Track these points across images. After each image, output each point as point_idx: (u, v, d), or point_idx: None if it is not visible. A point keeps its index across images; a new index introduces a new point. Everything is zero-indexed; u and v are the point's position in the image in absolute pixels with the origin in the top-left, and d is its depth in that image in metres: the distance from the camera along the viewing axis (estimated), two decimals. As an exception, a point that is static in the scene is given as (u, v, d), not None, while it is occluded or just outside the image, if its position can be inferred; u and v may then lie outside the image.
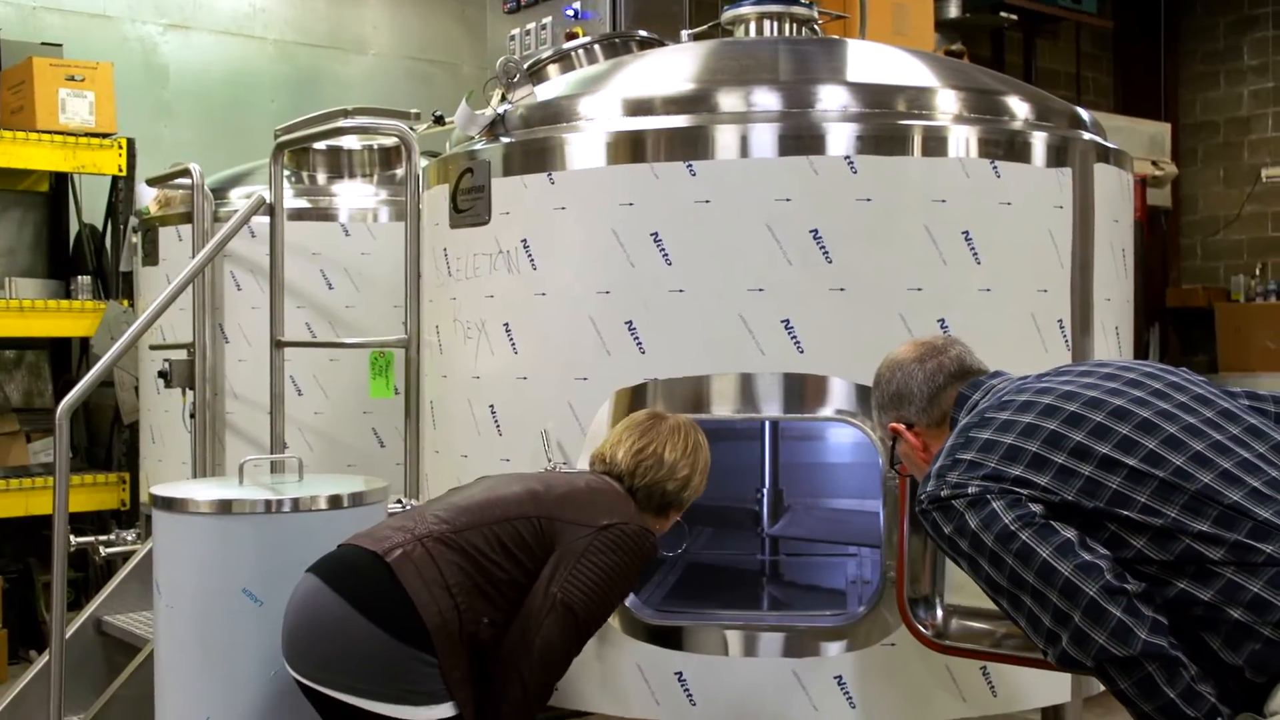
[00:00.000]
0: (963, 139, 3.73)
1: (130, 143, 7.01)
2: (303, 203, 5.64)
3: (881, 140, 3.67)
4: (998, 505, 2.49)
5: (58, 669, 4.38)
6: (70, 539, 5.14)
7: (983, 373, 2.96)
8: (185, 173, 5.66)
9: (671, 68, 4.12)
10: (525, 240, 3.87)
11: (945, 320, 3.64)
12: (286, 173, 5.44)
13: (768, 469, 5.08)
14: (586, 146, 3.81)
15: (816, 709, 3.65)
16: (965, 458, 2.58)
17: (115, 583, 5.49)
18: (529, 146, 3.91)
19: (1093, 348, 3.90)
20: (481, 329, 3.99)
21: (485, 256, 3.98)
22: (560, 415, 3.80)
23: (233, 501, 3.70)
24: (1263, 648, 2.30)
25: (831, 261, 3.63)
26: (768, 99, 3.75)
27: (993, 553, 2.47)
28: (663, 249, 3.68)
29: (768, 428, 5.02)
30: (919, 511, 2.65)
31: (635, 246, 3.70)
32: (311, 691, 3.19)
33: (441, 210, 4.18)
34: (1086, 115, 4.18)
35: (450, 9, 9.17)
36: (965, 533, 2.52)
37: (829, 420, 3.78)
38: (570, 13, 5.44)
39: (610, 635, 3.63)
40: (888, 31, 6.59)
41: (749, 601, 4.34)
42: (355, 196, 5.74)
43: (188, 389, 5.58)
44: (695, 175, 3.67)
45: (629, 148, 3.76)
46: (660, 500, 3.48)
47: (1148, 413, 2.54)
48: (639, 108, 3.83)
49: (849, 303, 3.64)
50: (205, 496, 3.74)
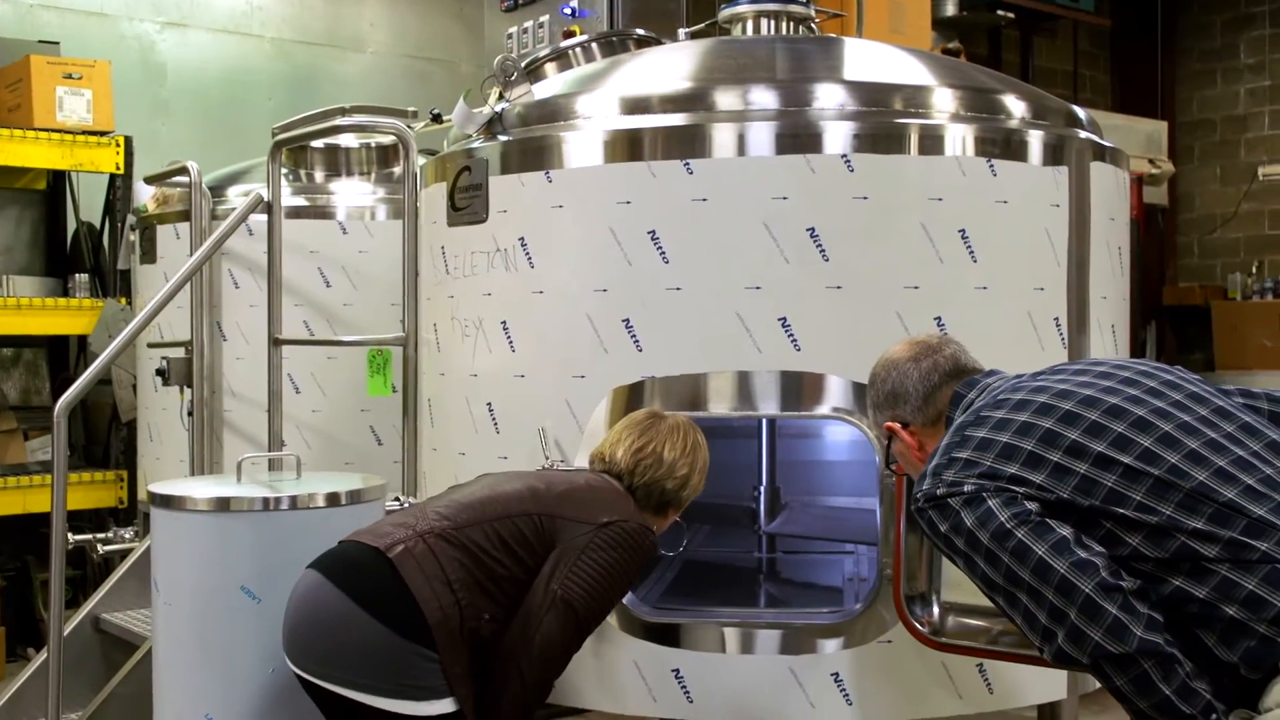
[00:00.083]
0: (959, 137, 3.73)
1: (128, 141, 7.01)
2: (300, 201, 5.64)
3: (878, 139, 3.67)
4: (993, 503, 2.49)
5: (56, 666, 4.38)
6: (68, 537, 5.16)
7: (978, 371, 2.97)
8: (183, 171, 5.66)
9: (669, 66, 4.12)
10: (523, 238, 3.87)
11: (942, 318, 3.65)
12: (284, 171, 5.44)
13: (765, 467, 5.08)
14: (584, 145, 3.82)
15: (813, 706, 3.65)
16: (961, 456, 2.58)
17: (113, 580, 5.49)
18: (526, 145, 3.92)
19: (1089, 346, 3.90)
20: (479, 327, 3.99)
21: (483, 254, 3.98)
22: (558, 413, 3.80)
23: (231, 499, 3.70)
24: (1257, 644, 2.31)
25: (828, 260, 3.63)
26: (765, 97, 3.75)
27: (989, 550, 2.48)
28: (660, 247, 3.69)
29: (765, 425, 5.02)
30: (915, 510, 2.66)
31: (632, 245, 3.71)
32: (312, 687, 3.19)
33: (439, 208, 4.18)
34: (1083, 114, 4.18)
35: (448, 7, 9.17)
36: (961, 531, 2.52)
37: (826, 418, 3.79)
38: (568, 11, 5.44)
39: (608, 633, 3.64)
40: (885, 30, 6.60)
41: (746, 599, 4.34)
42: (353, 195, 5.74)
43: (186, 387, 5.59)
44: (692, 174, 3.67)
45: (626, 146, 3.76)
46: (659, 499, 3.49)
47: (1142, 411, 2.55)
48: (636, 106, 3.84)
49: (846, 301, 3.64)
50: (203, 494, 3.74)
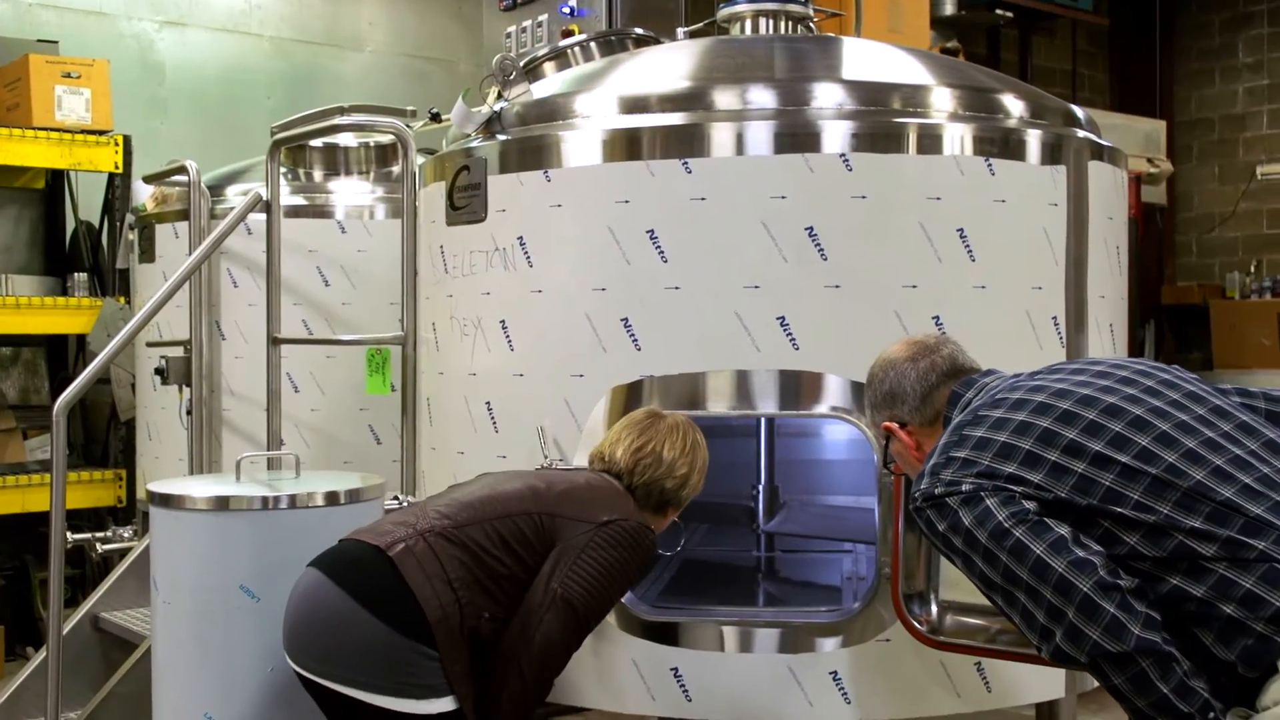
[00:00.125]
0: (958, 137, 3.73)
1: (126, 140, 7.01)
2: (299, 200, 5.64)
3: (877, 138, 3.67)
4: (991, 502, 2.49)
5: (55, 665, 4.39)
6: (67, 536, 5.16)
7: (975, 371, 2.97)
8: (182, 170, 5.66)
9: (667, 65, 4.12)
10: (521, 237, 3.87)
11: (940, 317, 3.65)
12: (283, 170, 5.44)
13: (763, 465, 5.08)
14: (582, 144, 3.82)
15: (812, 704, 3.65)
16: (959, 455, 2.59)
17: (112, 579, 5.49)
18: (525, 144, 3.92)
19: (1087, 345, 3.91)
20: (478, 326, 4.00)
21: (482, 254, 3.98)
22: (556, 412, 3.80)
23: (230, 498, 3.70)
24: (1255, 643, 2.31)
25: (827, 259, 3.63)
26: (763, 97, 3.75)
27: (986, 550, 2.48)
28: (658, 246, 3.69)
29: (763, 424, 5.02)
30: (913, 509, 2.66)
31: (631, 244, 3.71)
32: (313, 685, 3.19)
33: (438, 207, 4.19)
34: (1081, 113, 4.19)
35: (446, 6, 9.17)
36: (959, 530, 2.53)
37: (824, 417, 3.79)
38: (566, 10, 5.44)
39: (607, 631, 3.64)
40: (883, 29, 6.60)
41: (745, 597, 4.34)
42: (352, 194, 5.74)
43: (184, 386, 5.59)
44: (691, 173, 3.67)
45: (625, 145, 3.76)
46: (659, 498, 3.49)
47: (1140, 410, 2.55)
48: (635, 105, 3.84)
49: (844, 300, 3.64)
50: (202, 493, 3.75)
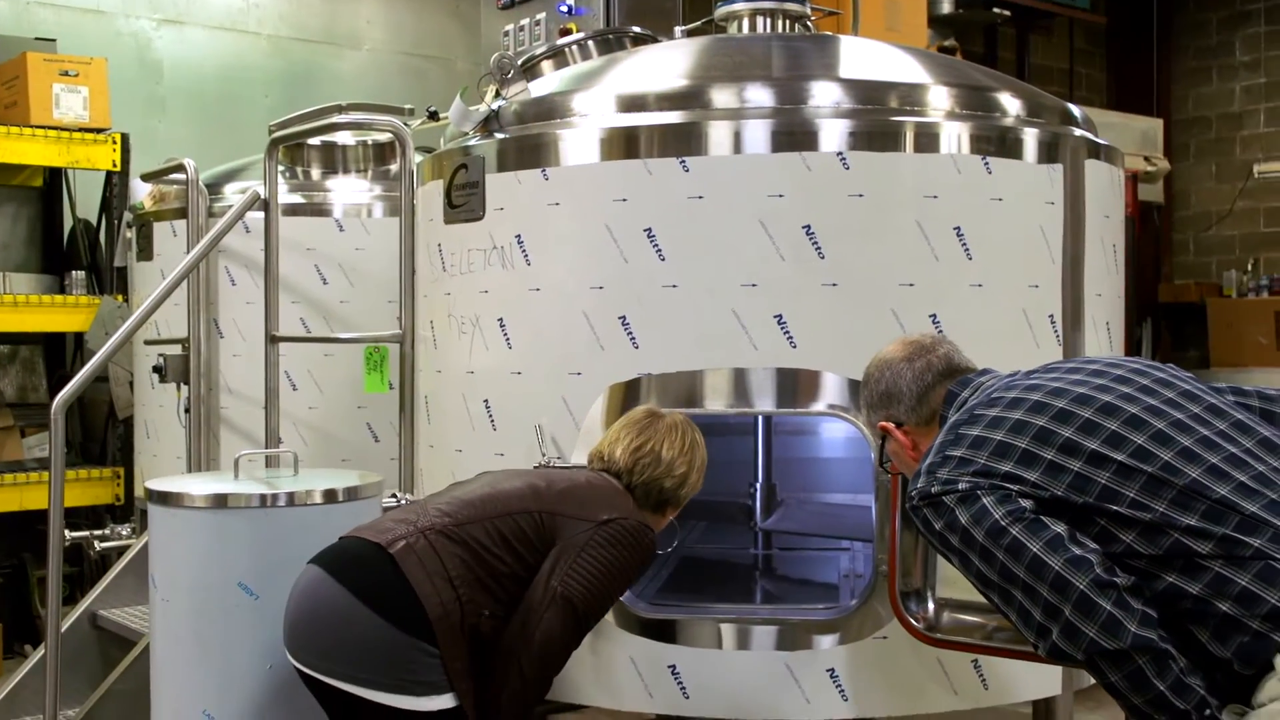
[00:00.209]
0: (954, 135, 3.74)
1: (124, 138, 7.01)
2: (297, 198, 5.65)
3: (874, 136, 3.68)
4: (988, 501, 2.50)
5: (53, 663, 4.39)
6: (65, 534, 5.16)
7: (971, 371, 2.97)
8: (180, 168, 5.65)
9: (665, 64, 4.13)
10: (519, 236, 3.88)
11: (937, 315, 3.65)
12: (281, 168, 5.45)
13: (760, 464, 5.08)
14: (580, 142, 3.82)
15: (809, 701, 3.66)
16: (955, 454, 2.59)
17: (110, 577, 5.49)
18: (523, 142, 3.92)
19: (1083, 343, 3.91)
20: (476, 324, 4.00)
21: (479, 252, 3.99)
22: (554, 410, 3.81)
23: (228, 496, 3.70)
24: (1251, 640, 2.32)
25: (824, 257, 3.64)
26: (761, 95, 3.76)
27: (983, 548, 2.49)
28: (656, 244, 3.69)
29: (761, 422, 5.02)
30: (910, 508, 2.67)
31: (629, 242, 3.71)
32: (313, 681, 3.20)
33: (436, 206, 4.19)
34: (1078, 111, 4.19)
35: (444, 5, 9.17)
36: (956, 528, 2.53)
37: (821, 415, 3.79)
38: (564, 9, 5.44)
39: (604, 629, 3.64)
40: (881, 28, 6.60)
41: (742, 595, 4.35)
42: (349, 192, 5.74)
43: (182, 384, 5.59)
44: (688, 171, 3.68)
45: (622, 144, 3.77)
46: (658, 497, 3.50)
47: (1135, 409, 2.56)
48: (632, 104, 3.84)
49: (841, 298, 3.65)
50: (201, 491, 3.75)
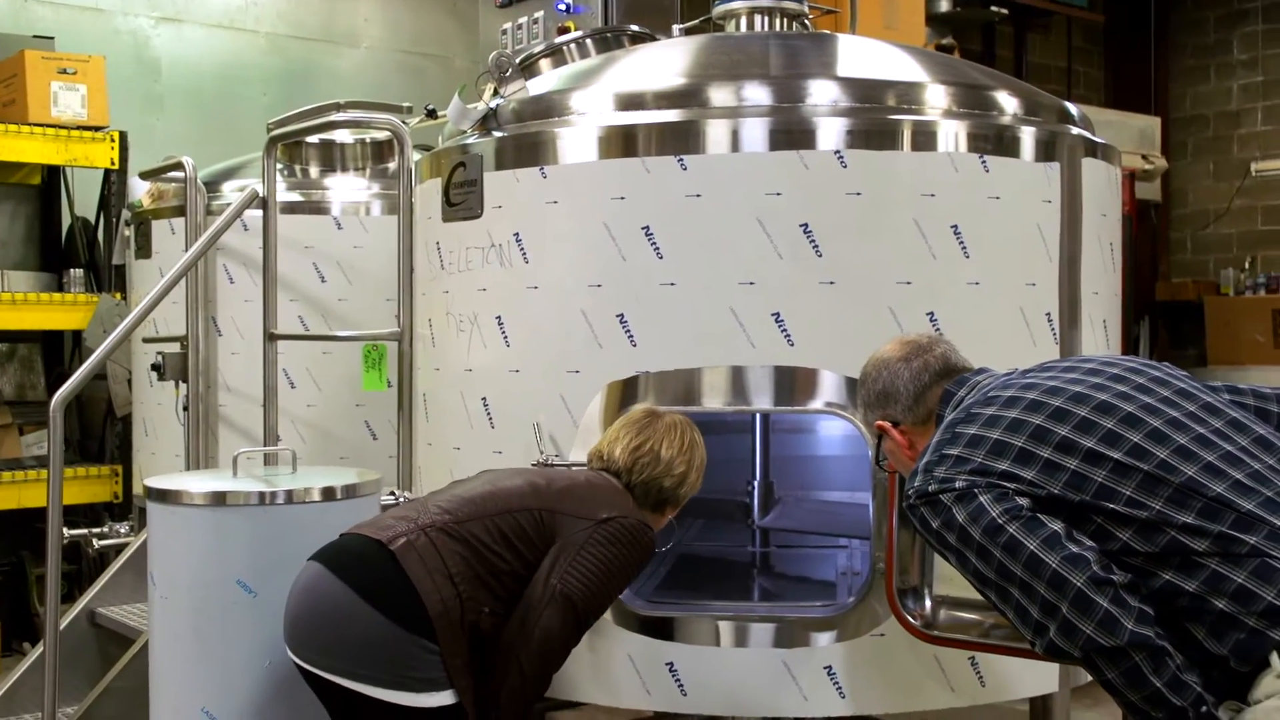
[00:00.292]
0: (952, 133, 3.74)
1: (123, 136, 7.01)
2: (295, 196, 5.64)
3: (871, 135, 3.68)
4: (985, 499, 2.51)
5: (52, 660, 4.39)
6: (64, 531, 5.16)
7: (967, 370, 2.98)
8: (178, 166, 5.65)
9: (663, 62, 4.13)
10: (517, 234, 3.88)
11: (934, 314, 3.66)
12: (279, 166, 5.45)
13: (758, 461, 5.07)
14: (578, 141, 3.83)
15: (806, 699, 3.67)
16: (952, 453, 2.60)
17: (109, 575, 5.50)
18: (521, 141, 3.93)
19: (1080, 341, 3.92)
20: (474, 322, 4.00)
21: (478, 250, 3.99)
22: (552, 408, 3.81)
23: (227, 493, 3.71)
24: (1247, 637, 2.32)
25: (821, 255, 3.64)
26: (758, 94, 3.76)
27: (980, 546, 2.49)
28: (654, 242, 3.70)
29: (758, 420, 5.03)
30: (907, 507, 2.67)
31: (626, 240, 3.72)
32: (313, 677, 3.21)
33: (434, 204, 4.19)
34: (1075, 110, 4.20)
35: (442, 2, 9.17)
36: (953, 527, 2.54)
37: (819, 413, 3.80)
38: (562, 7, 5.45)
39: (602, 627, 3.64)
40: (878, 26, 6.61)
41: (740, 593, 4.35)
42: (348, 190, 5.74)
43: (181, 382, 5.59)
44: (686, 169, 3.68)
45: (620, 142, 3.77)
46: (657, 496, 3.51)
47: (1132, 407, 2.56)
48: (630, 102, 3.85)
49: (839, 296, 3.65)
50: (199, 488, 3.75)
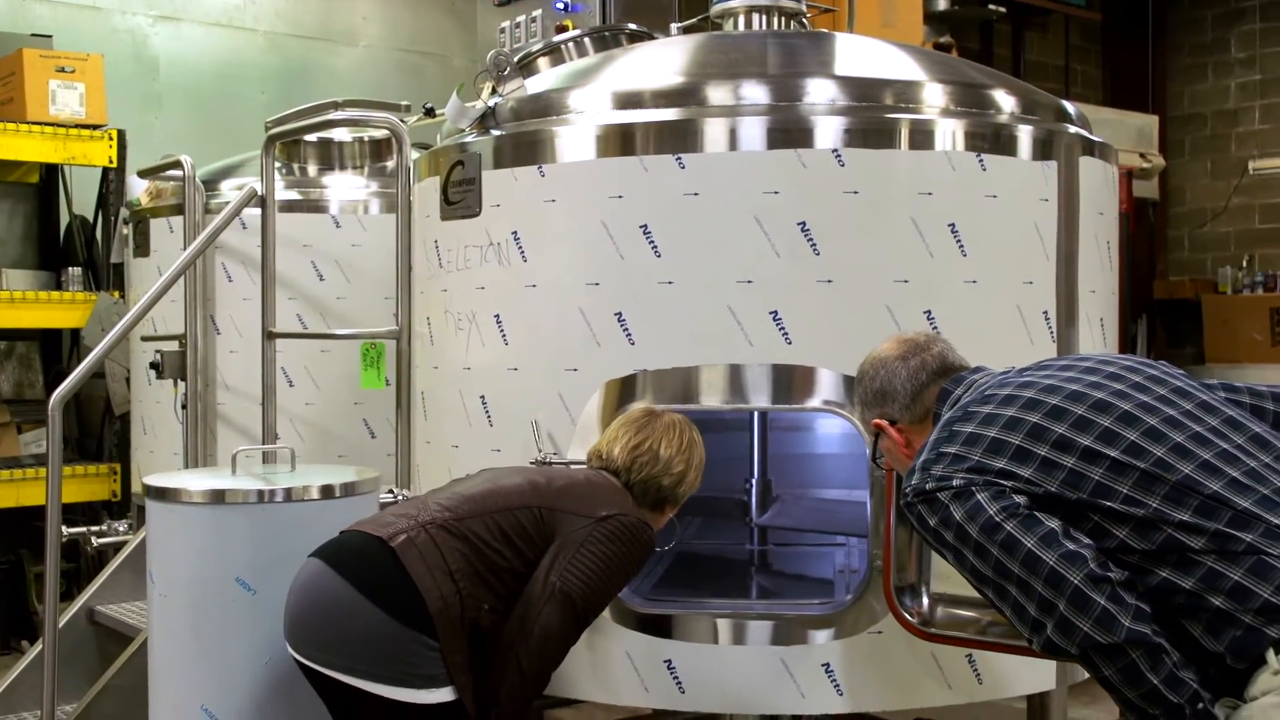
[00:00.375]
0: (949, 132, 3.75)
1: (121, 134, 7.01)
2: (293, 195, 5.64)
3: (869, 133, 3.69)
4: (982, 497, 2.51)
5: (51, 659, 4.39)
6: (62, 530, 5.17)
7: (964, 368, 2.98)
8: (176, 164, 5.65)
9: (661, 61, 4.14)
10: (516, 232, 3.89)
11: (932, 312, 3.67)
12: (277, 165, 5.45)
13: (756, 459, 5.08)
14: (576, 139, 3.83)
15: (804, 696, 3.68)
16: (949, 451, 2.60)
17: (107, 573, 5.50)
18: (519, 139, 3.93)
19: (1077, 339, 3.93)
20: (472, 320, 4.01)
21: (476, 248, 4.00)
22: (550, 406, 3.82)
23: (226, 491, 3.72)
24: (1243, 634, 2.33)
25: (819, 254, 3.65)
26: (756, 92, 3.77)
27: (978, 544, 2.50)
28: (652, 241, 3.70)
29: (756, 418, 5.03)
30: (904, 505, 2.68)
31: (625, 238, 3.72)
32: (313, 673, 3.22)
33: (432, 202, 4.20)
34: (1072, 108, 4.20)
35: (440, 1, 9.18)
36: (950, 524, 2.54)
37: (817, 411, 3.80)
38: (560, 6, 5.46)
39: (601, 624, 3.65)
40: (876, 25, 6.61)
41: (738, 590, 4.35)
42: (346, 188, 5.74)
43: (179, 380, 5.59)
44: (684, 168, 3.69)
45: (618, 141, 3.78)
46: (656, 495, 3.52)
47: (1128, 405, 2.57)
48: (628, 101, 3.85)
49: (836, 294, 3.66)
50: (198, 486, 3.76)
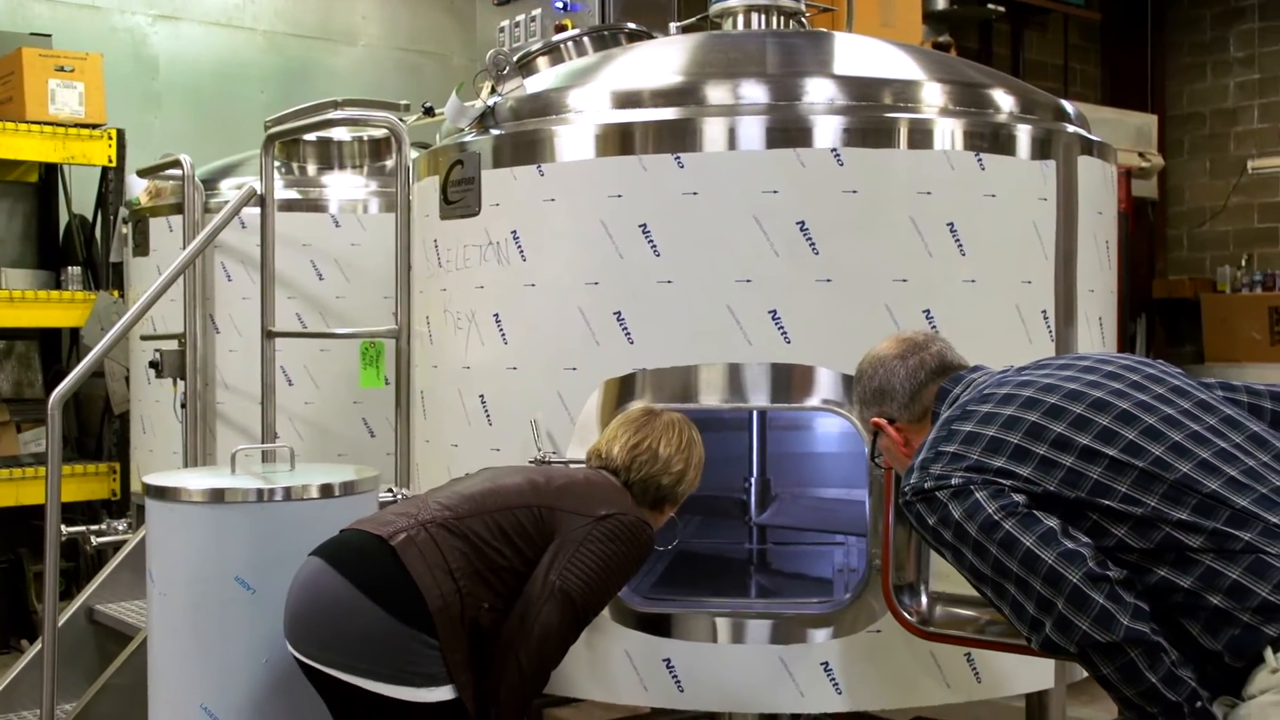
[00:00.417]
0: (948, 132, 3.75)
1: (120, 133, 7.02)
2: (293, 194, 5.65)
3: (867, 133, 3.69)
4: (981, 496, 2.52)
5: (50, 658, 4.39)
6: (62, 529, 5.17)
7: (963, 367, 2.98)
8: (176, 164, 5.66)
9: (660, 60, 4.14)
10: (515, 231, 3.89)
11: (930, 311, 3.67)
12: (277, 164, 5.45)
13: (755, 458, 5.09)
14: (575, 139, 3.83)
15: (803, 695, 3.68)
16: (948, 450, 2.61)
17: (107, 572, 5.50)
18: (518, 139, 3.93)
19: (1076, 338, 3.93)
20: (471, 319, 4.01)
21: (475, 248, 4.00)
22: (549, 405, 3.82)
23: (225, 490, 3.72)
24: (1241, 633, 2.34)
25: (818, 253, 3.65)
26: (755, 92, 3.77)
27: (976, 542, 2.50)
28: (651, 240, 3.71)
29: (755, 417, 5.04)
30: (903, 503, 2.68)
31: (624, 238, 3.73)
32: (313, 672, 3.22)
33: (431, 201, 4.20)
34: (1070, 108, 4.20)
35: (439, 0, 9.18)
36: (949, 523, 2.55)
37: (816, 410, 3.80)
38: (559, 5, 5.46)
39: (600, 623, 3.65)
40: (875, 24, 6.61)
41: (737, 589, 4.36)
42: (345, 188, 5.74)
43: (179, 379, 5.60)
44: (683, 167, 3.69)
45: (617, 140, 3.78)
46: (655, 494, 3.52)
47: (1126, 404, 2.57)
48: (627, 100, 3.85)
49: (835, 294, 3.66)
50: (198, 485, 3.76)
